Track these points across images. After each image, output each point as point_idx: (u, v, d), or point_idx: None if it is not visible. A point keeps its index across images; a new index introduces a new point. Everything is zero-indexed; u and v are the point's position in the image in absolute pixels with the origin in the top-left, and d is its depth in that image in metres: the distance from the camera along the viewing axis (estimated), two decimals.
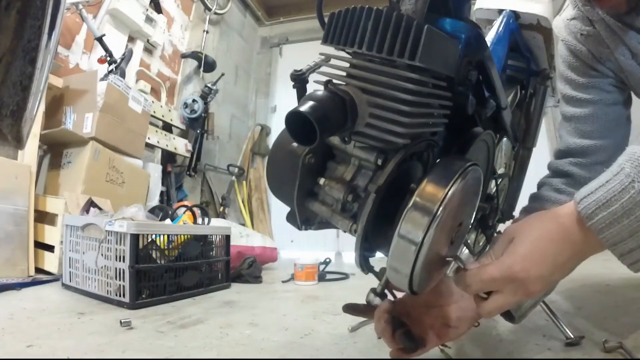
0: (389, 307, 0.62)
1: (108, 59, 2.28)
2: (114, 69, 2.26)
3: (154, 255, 1.36)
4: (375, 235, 0.58)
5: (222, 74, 3.35)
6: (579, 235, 0.47)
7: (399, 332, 0.59)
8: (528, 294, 0.49)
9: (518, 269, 0.48)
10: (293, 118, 0.50)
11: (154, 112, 2.69)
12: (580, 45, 0.82)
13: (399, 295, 0.65)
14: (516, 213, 1.16)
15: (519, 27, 1.08)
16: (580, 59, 0.83)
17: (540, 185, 0.87)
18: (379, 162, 0.56)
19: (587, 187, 0.47)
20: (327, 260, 2.06)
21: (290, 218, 0.67)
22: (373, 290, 0.62)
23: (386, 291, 0.62)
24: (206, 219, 1.83)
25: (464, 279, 0.52)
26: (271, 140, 4.01)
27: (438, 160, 0.62)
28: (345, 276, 1.93)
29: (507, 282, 0.49)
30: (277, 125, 4.06)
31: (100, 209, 1.67)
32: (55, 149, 2.04)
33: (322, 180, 0.61)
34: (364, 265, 0.61)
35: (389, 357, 0.61)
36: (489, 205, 0.90)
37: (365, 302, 0.63)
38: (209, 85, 3.16)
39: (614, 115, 0.82)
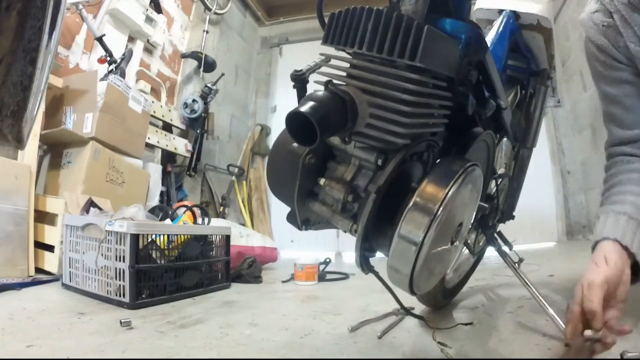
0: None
1: (108, 59, 2.28)
2: (114, 69, 2.26)
3: (154, 255, 1.36)
4: (375, 235, 0.58)
5: (222, 74, 3.35)
6: None
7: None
8: None
9: None
10: (293, 118, 0.50)
11: (154, 112, 2.69)
12: (602, 37, 0.85)
13: None
14: (516, 213, 1.17)
15: (519, 27, 1.08)
16: (605, 52, 0.86)
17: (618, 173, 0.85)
18: (379, 162, 0.56)
19: None
20: (327, 260, 2.06)
21: (291, 218, 0.68)
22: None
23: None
24: (206, 219, 1.82)
25: None
26: (271, 140, 4.01)
27: (438, 160, 0.62)
28: (345, 276, 1.93)
29: None
30: (277, 125, 4.06)
31: (100, 209, 1.67)
32: (55, 149, 2.04)
33: (322, 181, 0.61)
34: (365, 265, 0.61)
35: (388, 357, 0.61)
36: (489, 205, 0.90)
37: None
38: (209, 85, 3.16)
39: None
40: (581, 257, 2.19)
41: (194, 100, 3.06)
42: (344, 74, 0.58)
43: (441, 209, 0.50)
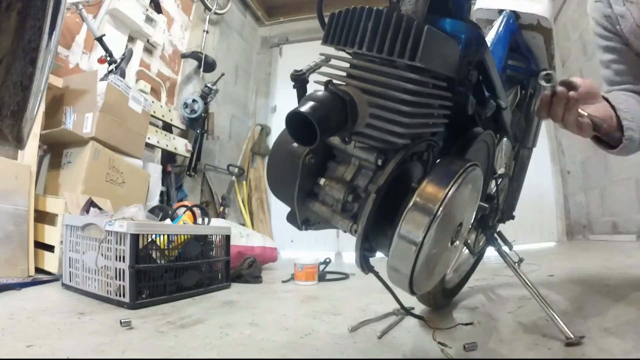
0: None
1: (108, 59, 2.28)
2: (114, 69, 2.26)
3: (154, 255, 1.36)
4: (375, 235, 0.58)
5: (222, 74, 3.35)
6: None
7: None
8: None
9: None
10: (293, 118, 0.50)
11: (154, 112, 2.69)
12: (603, 30, 0.97)
13: None
14: (516, 213, 1.17)
15: (519, 27, 1.08)
16: (605, 29, 0.97)
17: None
18: (379, 162, 0.56)
19: None
20: (327, 260, 2.06)
21: (291, 218, 0.68)
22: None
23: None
24: (206, 219, 1.82)
25: None
26: (271, 140, 4.01)
27: (438, 160, 0.62)
28: (345, 276, 1.93)
29: None
30: (277, 125, 4.06)
31: (100, 209, 1.67)
32: (55, 149, 2.04)
33: (322, 181, 0.61)
34: (365, 265, 0.61)
35: (388, 357, 0.61)
36: (489, 205, 0.90)
37: None
38: (209, 85, 3.16)
39: None
40: (581, 257, 2.19)
41: (194, 100, 3.06)
42: (344, 74, 0.58)
43: (441, 209, 0.50)
